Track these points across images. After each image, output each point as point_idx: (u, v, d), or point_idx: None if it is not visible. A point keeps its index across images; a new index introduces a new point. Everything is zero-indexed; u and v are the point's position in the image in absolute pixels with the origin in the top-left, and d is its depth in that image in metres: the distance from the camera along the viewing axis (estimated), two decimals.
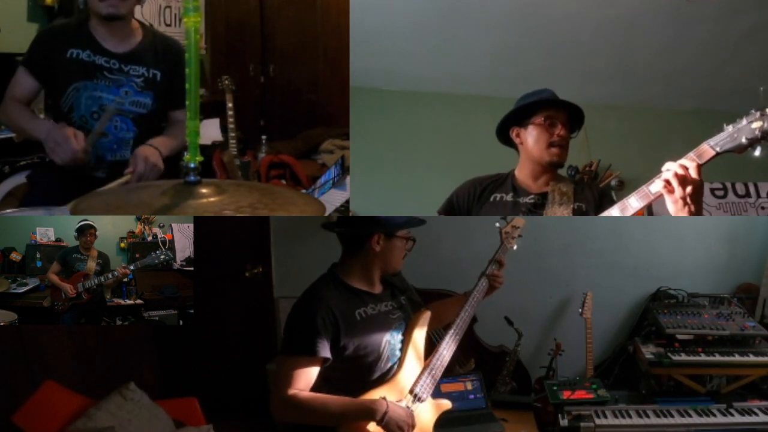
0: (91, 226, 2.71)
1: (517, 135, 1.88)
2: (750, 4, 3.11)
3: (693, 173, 1.40)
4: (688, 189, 1.39)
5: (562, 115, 1.82)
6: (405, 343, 1.75)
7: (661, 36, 3.34)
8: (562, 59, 3.48)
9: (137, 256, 2.80)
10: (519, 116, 1.88)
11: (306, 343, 1.58)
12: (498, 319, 2.76)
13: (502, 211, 1.82)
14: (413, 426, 1.62)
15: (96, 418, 2.12)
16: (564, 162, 1.83)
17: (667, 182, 1.41)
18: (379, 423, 1.56)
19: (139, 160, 2.01)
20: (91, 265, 2.70)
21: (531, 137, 1.83)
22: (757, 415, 2.40)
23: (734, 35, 3.31)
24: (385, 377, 1.69)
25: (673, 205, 1.43)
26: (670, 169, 1.42)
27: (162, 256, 2.74)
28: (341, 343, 1.61)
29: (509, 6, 3.12)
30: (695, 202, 1.41)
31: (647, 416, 2.41)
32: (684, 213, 1.42)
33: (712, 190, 3.38)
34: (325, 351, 1.58)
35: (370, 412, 1.57)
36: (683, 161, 1.42)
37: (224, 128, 3.19)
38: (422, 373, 1.72)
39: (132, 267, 2.71)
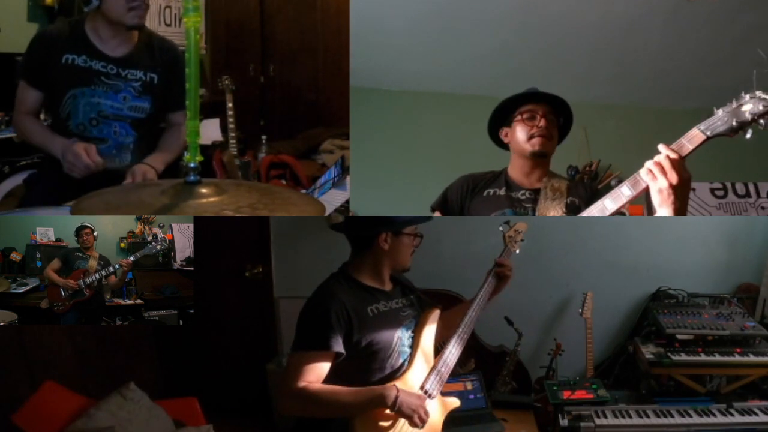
0: (86, 227, 2.71)
1: (506, 135, 1.93)
2: (750, 4, 3.11)
3: (675, 166, 1.37)
4: (673, 178, 1.36)
5: (542, 108, 1.85)
6: (415, 340, 1.76)
7: (660, 36, 3.34)
8: (562, 59, 3.48)
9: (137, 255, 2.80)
10: (504, 118, 1.92)
11: (319, 338, 1.58)
12: (498, 319, 2.76)
13: (495, 205, 1.83)
14: (426, 411, 1.61)
15: (96, 418, 2.13)
16: (548, 151, 1.84)
17: (650, 171, 1.39)
18: (392, 408, 1.56)
19: (138, 177, 2.03)
20: (93, 264, 2.70)
21: (515, 133, 1.88)
22: (757, 415, 2.40)
23: (734, 35, 3.31)
24: (396, 374, 1.69)
25: (657, 196, 1.39)
26: (661, 153, 1.40)
27: (159, 246, 2.74)
28: (354, 338, 1.61)
29: (509, 6, 3.12)
30: (679, 197, 1.38)
31: (647, 416, 2.41)
32: (667, 207, 1.39)
33: (712, 190, 3.37)
34: (338, 346, 1.58)
35: (381, 399, 1.56)
36: (666, 151, 1.39)
37: (224, 128, 3.19)
38: (432, 370, 1.73)
39: (132, 258, 2.71)
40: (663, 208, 1.40)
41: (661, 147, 1.41)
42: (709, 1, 3.07)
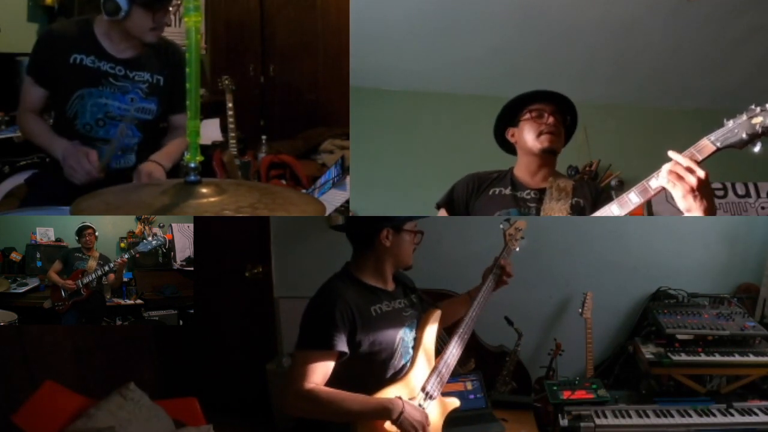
0: (89, 227, 2.71)
1: (513, 135, 1.94)
2: (750, 4, 3.11)
3: (695, 167, 1.39)
4: (692, 181, 1.38)
5: (549, 106, 1.87)
6: (417, 340, 1.77)
7: (661, 36, 3.35)
8: (561, 59, 3.48)
9: (137, 256, 2.80)
10: (511, 118, 1.93)
11: (323, 337, 1.58)
12: (498, 319, 2.76)
13: (500, 204, 1.84)
14: (426, 426, 1.63)
15: (96, 418, 2.12)
16: (557, 148, 1.85)
17: (672, 174, 1.40)
18: (395, 422, 1.57)
19: (143, 177, 2.02)
20: (92, 264, 2.70)
21: (524, 132, 1.88)
22: (757, 415, 2.40)
23: (734, 35, 3.31)
24: (398, 375, 1.70)
25: (683, 202, 1.41)
26: (673, 160, 1.41)
27: (154, 242, 2.74)
28: (357, 338, 1.62)
29: (509, 6, 3.13)
30: (706, 197, 1.40)
31: (647, 416, 2.41)
32: (697, 208, 1.40)
33: (712, 190, 3.38)
34: (342, 345, 1.59)
35: (386, 412, 1.57)
36: (677, 157, 1.41)
37: (224, 128, 3.18)
38: (433, 371, 1.74)
39: (127, 256, 2.71)
40: (691, 212, 1.42)
41: (671, 154, 1.43)
42: (709, 2, 3.07)
